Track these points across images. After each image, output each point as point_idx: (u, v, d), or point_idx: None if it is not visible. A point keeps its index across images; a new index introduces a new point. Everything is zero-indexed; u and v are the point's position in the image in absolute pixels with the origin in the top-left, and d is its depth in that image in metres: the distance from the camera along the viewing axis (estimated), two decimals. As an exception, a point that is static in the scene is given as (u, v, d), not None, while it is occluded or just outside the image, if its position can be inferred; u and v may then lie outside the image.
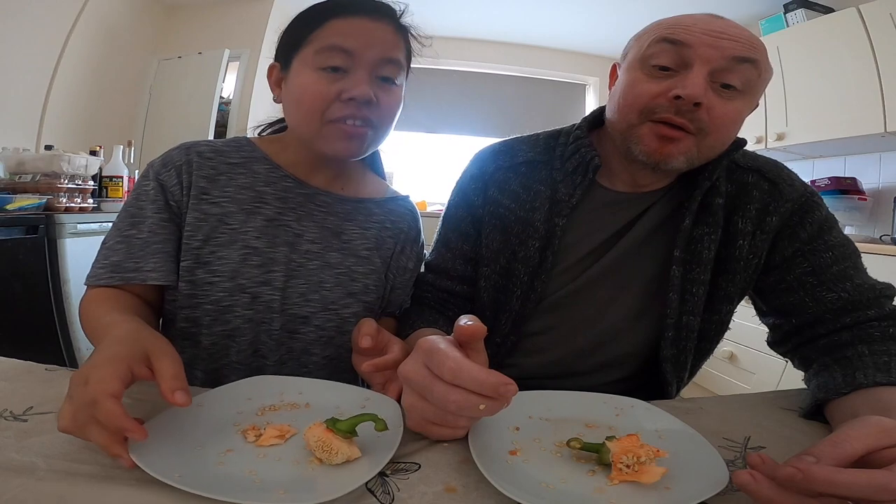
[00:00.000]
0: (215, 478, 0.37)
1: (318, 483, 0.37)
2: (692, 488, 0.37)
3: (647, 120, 0.58)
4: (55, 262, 1.74)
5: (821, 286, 0.61)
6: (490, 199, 0.71)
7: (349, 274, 0.68)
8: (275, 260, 0.65)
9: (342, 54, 0.60)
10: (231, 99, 3.08)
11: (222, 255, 0.63)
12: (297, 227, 0.67)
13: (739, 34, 0.56)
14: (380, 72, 0.62)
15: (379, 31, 0.61)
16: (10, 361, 0.56)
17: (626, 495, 0.37)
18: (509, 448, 0.43)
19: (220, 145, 0.69)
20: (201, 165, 0.66)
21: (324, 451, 0.39)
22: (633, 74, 0.60)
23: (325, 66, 0.60)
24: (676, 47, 0.56)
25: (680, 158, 0.58)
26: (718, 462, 0.40)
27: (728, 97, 0.56)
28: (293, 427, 0.45)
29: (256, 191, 0.67)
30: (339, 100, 0.60)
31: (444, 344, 0.41)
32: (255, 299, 0.64)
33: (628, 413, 0.51)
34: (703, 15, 0.58)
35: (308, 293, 0.66)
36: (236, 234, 0.64)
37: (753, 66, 0.56)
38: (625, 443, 0.40)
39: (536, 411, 0.50)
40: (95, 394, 0.36)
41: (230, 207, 0.65)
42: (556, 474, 0.40)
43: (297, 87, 0.62)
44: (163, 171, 0.65)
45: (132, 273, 0.60)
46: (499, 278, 0.70)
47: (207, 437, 0.42)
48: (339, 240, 0.69)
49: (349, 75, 0.60)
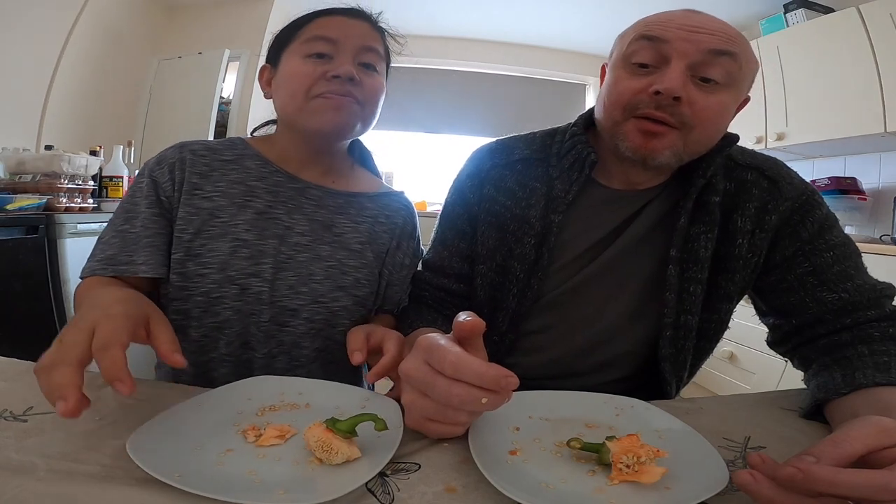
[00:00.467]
0: (215, 478, 0.37)
1: (318, 483, 0.37)
2: (692, 488, 0.37)
3: (630, 116, 0.59)
4: (55, 262, 1.74)
5: (821, 286, 0.61)
6: (486, 196, 0.71)
7: (339, 267, 0.69)
8: (264, 252, 0.66)
9: (326, 42, 0.65)
10: (231, 99, 3.07)
11: (213, 248, 0.64)
12: (288, 220, 0.68)
13: (716, 28, 0.56)
14: (361, 58, 0.66)
15: (358, 25, 0.68)
16: (10, 361, 0.56)
17: (625, 495, 0.37)
18: (509, 448, 0.43)
19: (214, 144, 0.71)
20: (194, 162, 0.67)
21: (324, 451, 0.39)
22: (616, 73, 0.61)
23: (310, 53, 0.65)
24: (654, 44, 0.57)
25: (666, 153, 0.58)
26: (718, 462, 0.40)
27: (710, 90, 0.56)
28: (293, 427, 0.45)
29: (248, 185, 0.68)
30: (323, 78, 0.64)
31: (443, 340, 0.41)
32: (245, 291, 0.65)
33: (628, 413, 0.51)
34: (682, 11, 0.59)
35: (297, 285, 0.67)
36: (227, 227, 0.66)
37: (732, 59, 0.56)
38: (625, 443, 0.40)
39: (536, 411, 0.50)
40: (108, 340, 0.38)
41: (221, 201, 0.66)
42: (556, 474, 0.40)
43: (284, 74, 0.67)
44: (156, 169, 0.67)
45: (125, 266, 0.62)
46: (495, 276, 0.70)
47: (207, 437, 0.42)
48: (330, 233, 0.70)
49: (333, 60, 0.65)
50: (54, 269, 1.74)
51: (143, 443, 0.38)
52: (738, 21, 2.74)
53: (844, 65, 2.09)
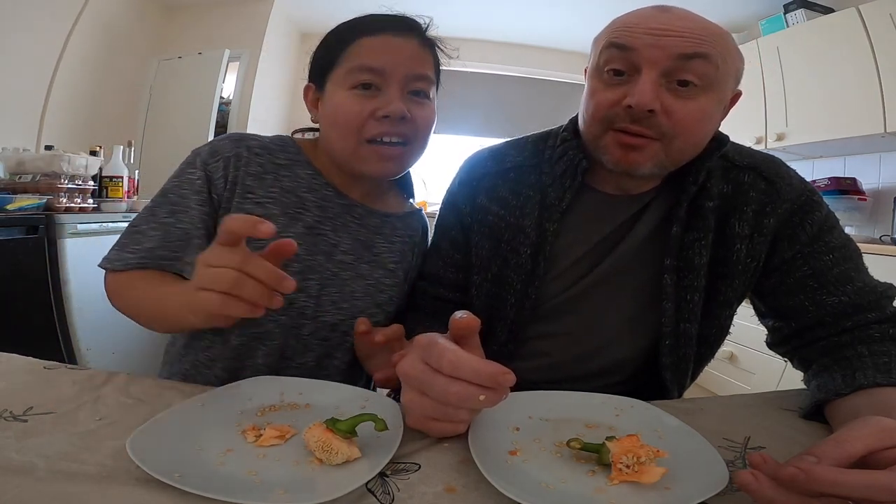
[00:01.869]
0: (215, 477, 0.37)
1: (317, 483, 0.37)
2: (692, 488, 0.37)
3: (608, 129, 0.58)
4: (55, 262, 1.73)
5: (821, 289, 0.61)
6: (479, 206, 0.70)
7: (377, 285, 0.70)
8: (312, 268, 0.66)
9: (372, 73, 0.61)
10: (231, 99, 3.08)
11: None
12: (334, 238, 0.68)
13: (684, 28, 0.53)
14: (411, 87, 0.63)
15: (407, 47, 0.63)
16: (10, 361, 0.56)
17: (626, 495, 0.37)
18: (509, 448, 0.43)
19: (269, 142, 0.69)
20: (250, 161, 0.65)
21: (324, 452, 0.39)
22: (592, 83, 0.60)
23: (356, 85, 0.61)
24: (623, 52, 0.55)
25: (647, 165, 0.57)
26: (718, 462, 0.40)
27: (687, 95, 0.54)
28: (293, 427, 0.45)
29: (299, 196, 0.67)
30: (373, 118, 0.61)
31: (441, 339, 0.42)
32: (291, 305, 0.64)
33: (628, 413, 0.51)
34: (650, 9, 0.56)
35: (340, 301, 0.67)
36: (277, 238, 0.64)
37: (706, 61, 0.53)
38: (625, 443, 0.40)
39: (536, 411, 0.50)
40: (247, 257, 0.45)
41: (273, 209, 0.65)
42: (556, 474, 0.40)
43: (331, 108, 0.63)
44: (211, 162, 0.64)
45: (170, 262, 0.60)
46: (491, 286, 0.69)
47: (208, 437, 0.42)
48: (369, 252, 0.71)
49: (381, 93, 0.61)
50: (54, 270, 1.74)
51: (142, 442, 0.38)
52: (737, 21, 2.75)
53: (844, 65, 2.09)
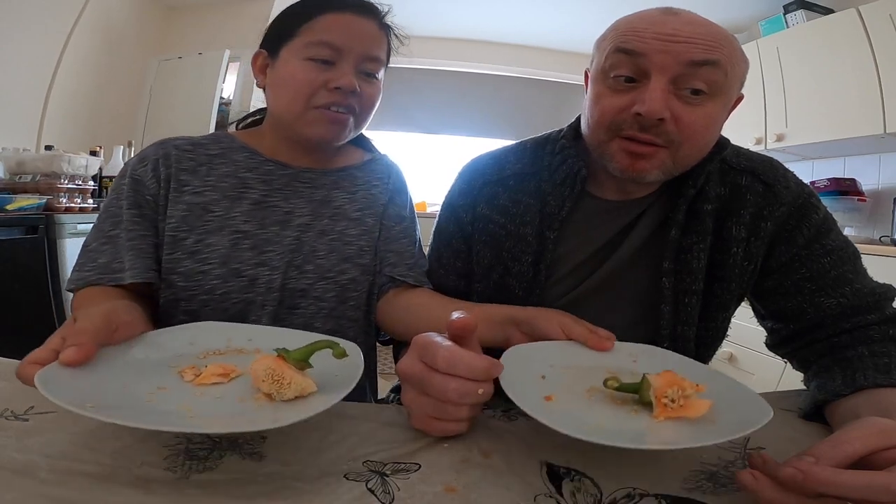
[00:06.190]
0: (140, 411, 0.32)
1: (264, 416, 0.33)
2: (742, 419, 0.35)
3: (615, 136, 0.57)
4: (55, 262, 1.74)
5: (819, 292, 0.60)
6: (479, 215, 0.70)
7: (341, 238, 0.70)
8: (268, 240, 0.66)
9: (331, 49, 0.63)
10: (231, 99, 3.07)
11: (211, 243, 0.64)
12: (286, 206, 0.69)
13: (694, 34, 0.53)
14: (363, 67, 0.66)
15: (365, 27, 0.66)
16: (11, 361, 0.56)
17: (679, 430, 0.35)
18: (545, 394, 0.42)
19: (198, 139, 0.70)
20: (180, 158, 0.67)
21: (274, 383, 0.35)
22: (597, 88, 0.59)
23: (313, 58, 0.63)
24: (632, 57, 0.54)
25: (654, 172, 0.57)
26: (753, 395, 0.38)
27: (696, 102, 0.54)
28: (239, 369, 0.39)
29: (238, 177, 0.68)
30: (325, 88, 0.63)
31: (437, 338, 0.42)
32: (254, 282, 0.65)
33: (645, 357, 0.50)
34: (657, 12, 0.55)
35: (303, 264, 0.67)
36: (223, 221, 0.65)
37: (716, 68, 0.53)
38: (666, 377, 0.38)
39: (556, 361, 0.49)
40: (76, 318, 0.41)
41: (213, 195, 0.66)
42: (601, 415, 0.38)
43: (285, 74, 0.65)
44: (139, 167, 0.66)
45: (120, 274, 0.61)
46: (492, 294, 0.69)
47: (136, 376, 0.37)
48: (328, 208, 0.71)
49: (335, 67, 0.64)
50: (54, 270, 1.74)
51: (55, 376, 0.33)
52: (737, 22, 2.75)
53: (844, 66, 2.09)
